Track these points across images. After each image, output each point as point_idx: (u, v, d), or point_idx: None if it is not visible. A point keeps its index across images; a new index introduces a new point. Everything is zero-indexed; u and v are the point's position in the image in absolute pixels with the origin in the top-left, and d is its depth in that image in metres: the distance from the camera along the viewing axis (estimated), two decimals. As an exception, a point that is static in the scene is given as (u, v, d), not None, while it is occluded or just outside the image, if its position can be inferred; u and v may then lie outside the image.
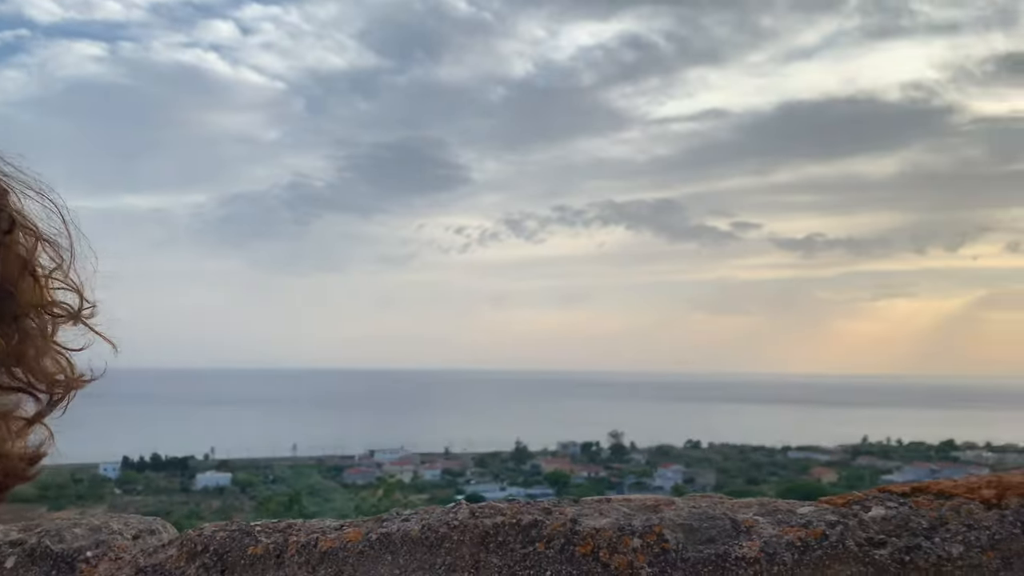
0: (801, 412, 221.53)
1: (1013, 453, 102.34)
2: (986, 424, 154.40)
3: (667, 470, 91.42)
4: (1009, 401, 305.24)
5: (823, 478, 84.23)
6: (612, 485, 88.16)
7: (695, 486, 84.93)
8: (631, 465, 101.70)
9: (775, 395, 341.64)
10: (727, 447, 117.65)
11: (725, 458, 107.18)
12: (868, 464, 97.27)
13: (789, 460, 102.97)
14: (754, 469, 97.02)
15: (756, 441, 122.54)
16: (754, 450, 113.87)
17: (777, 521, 1.51)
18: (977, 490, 1.49)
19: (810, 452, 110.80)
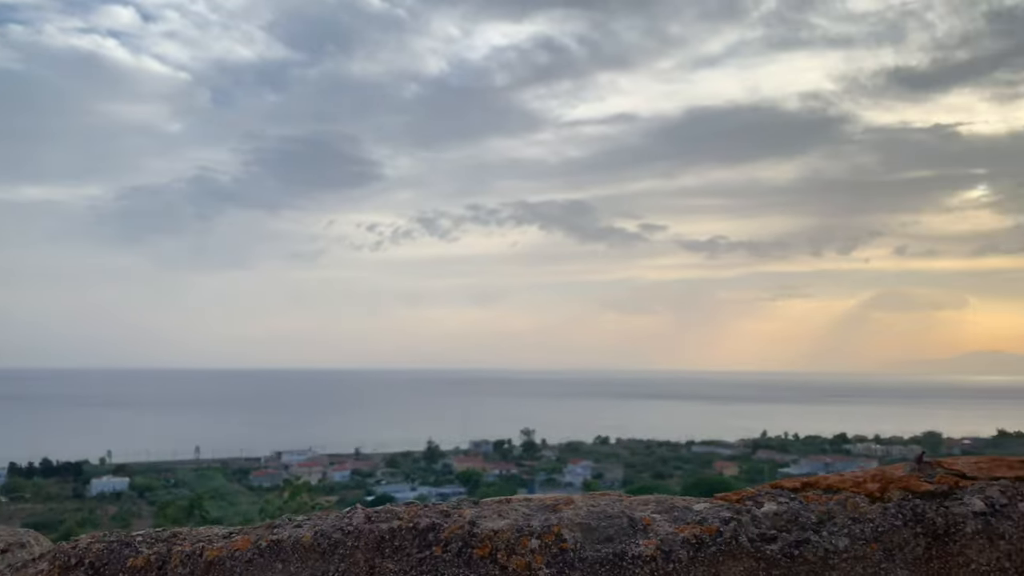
0: (705, 408, 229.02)
1: (898, 445, 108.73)
2: (875, 418, 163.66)
3: (577, 466, 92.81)
4: (894, 395, 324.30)
5: (725, 471, 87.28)
6: (524, 482, 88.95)
7: (604, 481, 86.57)
8: (542, 462, 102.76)
9: (681, 391, 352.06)
10: (635, 442, 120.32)
11: (633, 453, 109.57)
12: (767, 458, 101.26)
13: (693, 454, 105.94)
14: (660, 464, 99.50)
15: (662, 436, 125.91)
16: (660, 445, 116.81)
17: (674, 518, 1.54)
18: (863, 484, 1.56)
19: (713, 446, 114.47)
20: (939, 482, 1.54)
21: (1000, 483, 1.53)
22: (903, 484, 1.53)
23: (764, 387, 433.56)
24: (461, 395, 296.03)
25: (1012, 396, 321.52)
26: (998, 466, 1.58)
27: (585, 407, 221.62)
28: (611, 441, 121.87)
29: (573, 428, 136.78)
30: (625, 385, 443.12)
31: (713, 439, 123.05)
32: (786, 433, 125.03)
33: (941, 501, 1.50)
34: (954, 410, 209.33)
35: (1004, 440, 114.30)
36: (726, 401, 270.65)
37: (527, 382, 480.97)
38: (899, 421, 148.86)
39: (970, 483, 1.53)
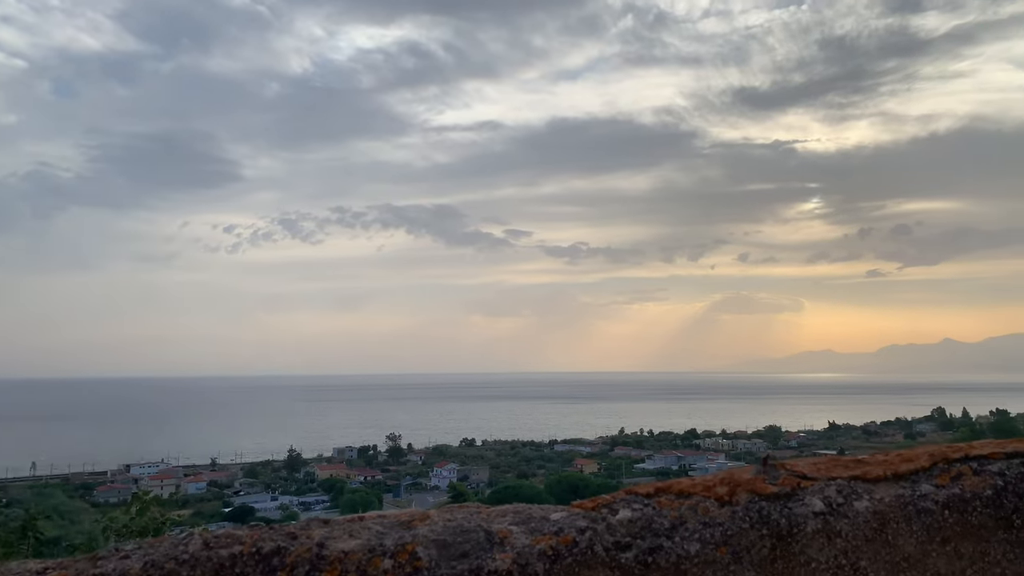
0: (567, 408, 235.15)
1: (743, 440, 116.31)
2: (722, 414, 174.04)
3: (443, 469, 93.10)
4: (739, 393, 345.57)
5: (585, 468, 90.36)
6: (389, 488, 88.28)
7: (470, 483, 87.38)
8: (408, 467, 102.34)
9: (544, 392, 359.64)
10: (500, 443, 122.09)
11: (498, 454, 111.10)
12: (624, 454, 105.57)
13: (556, 453, 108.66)
14: (524, 463, 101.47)
15: (526, 436, 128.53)
16: (524, 445, 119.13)
17: (531, 530, 1.51)
18: (712, 488, 1.59)
19: (574, 444, 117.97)
20: (783, 483, 1.59)
21: (837, 483, 1.59)
22: (750, 487, 1.58)
23: (622, 386, 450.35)
24: (325, 402, 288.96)
25: (841, 392, 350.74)
26: (835, 466, 1.66)
27: (452, 410, 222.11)
28: (477, 443, 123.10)
29: (439, 432, 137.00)
30: (491, 387, 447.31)
31: (574, 438, 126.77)
32: (642, 430, 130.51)
33: (785, 502, 1.55)
34: (791, 405, 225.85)
35: (834, 432, 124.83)
36: (587, 401, 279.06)
37: (393, 387, 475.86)
38: (744, 417, 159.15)
39: (811, 483, 1.60)
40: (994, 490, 1.57)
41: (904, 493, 1.57)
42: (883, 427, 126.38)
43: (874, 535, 1.51)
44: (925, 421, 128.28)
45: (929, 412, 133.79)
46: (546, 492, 64.29)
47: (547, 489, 66.73)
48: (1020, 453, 1.66)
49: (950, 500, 1.56)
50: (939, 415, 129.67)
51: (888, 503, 1.55)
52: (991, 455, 1.67)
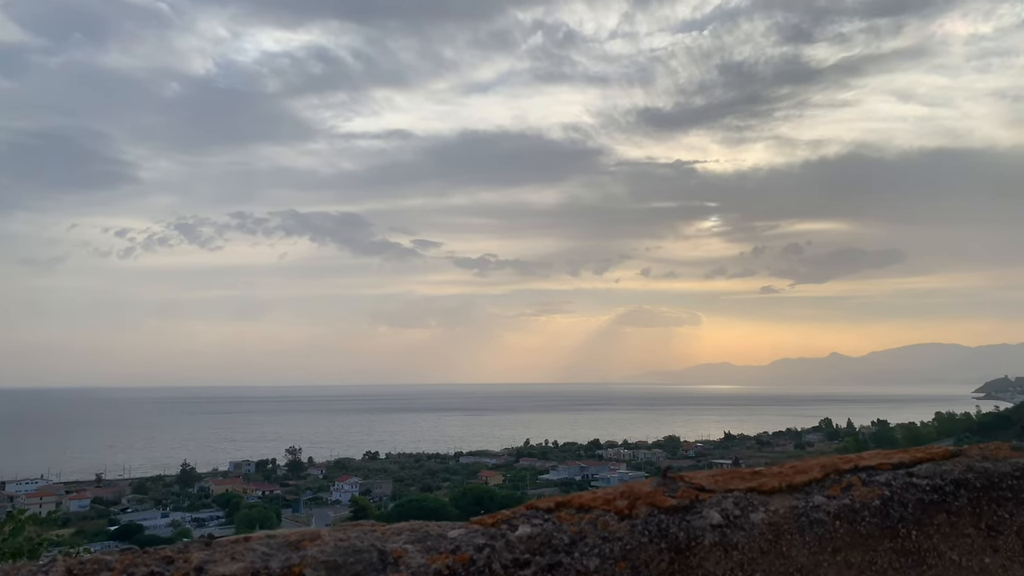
0: (473, 420, 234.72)
1: (644, 450, 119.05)
2: (624, 424, 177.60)
3: (345, 483, 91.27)
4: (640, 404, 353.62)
5: (490, 480, 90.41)
6: (288, 503, 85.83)
7: (372, 497, 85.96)
8: (308, 481, 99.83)
9: (451, 404, 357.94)
10: (404, 456, 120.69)
11: (402, 467, 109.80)
12: (529, 465, 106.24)
13: (461, 465, 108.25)
14: (429, 476, 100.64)
15: (432, 449, 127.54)
16: (429, 458, 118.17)
17: (427, 548, 1.45)
18: (613, 501, 1.56)
19: (480, 456, 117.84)
20: (682, 496, 1.58)
21: (734, 495, 1.59)
22: (650, 500, 1.56)
23: (528, 398, 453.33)
24: (221, 414, 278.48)
25: (737, 403, 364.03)
26: (733, 478, 1.66)
27: (355, 423, 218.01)
28: (380, 456, 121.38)
29: (342, 445, 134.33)
30: (397, 399, 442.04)
31: (480, 450, 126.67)
32: (547, 441, 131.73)
33: (683, 515, 1.54)
34: (690, 416, 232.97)
35: (730, 441, 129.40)
36: (493, 412, 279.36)
37: (294, 399, 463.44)
38: (644, 427, 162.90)
39: (709, 496, 1.59)
40: (882, 500, 1.60)
41: (798, 504, 1.58)
42: (775, 437, 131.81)
43: (769, 547, 1.52)
44: (814, 431, 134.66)
45: (817, 423, 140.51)
46: (451, 505, 63.90)
47: (452, 502, 66.33)
48: (905, 464, 1.69)
49: (841, 511, 1.58)
50: (826, 425, 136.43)
51: (783, 514, 1.56)
52: (879, 466, 1.69)
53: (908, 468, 1.68)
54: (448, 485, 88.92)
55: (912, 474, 1.66)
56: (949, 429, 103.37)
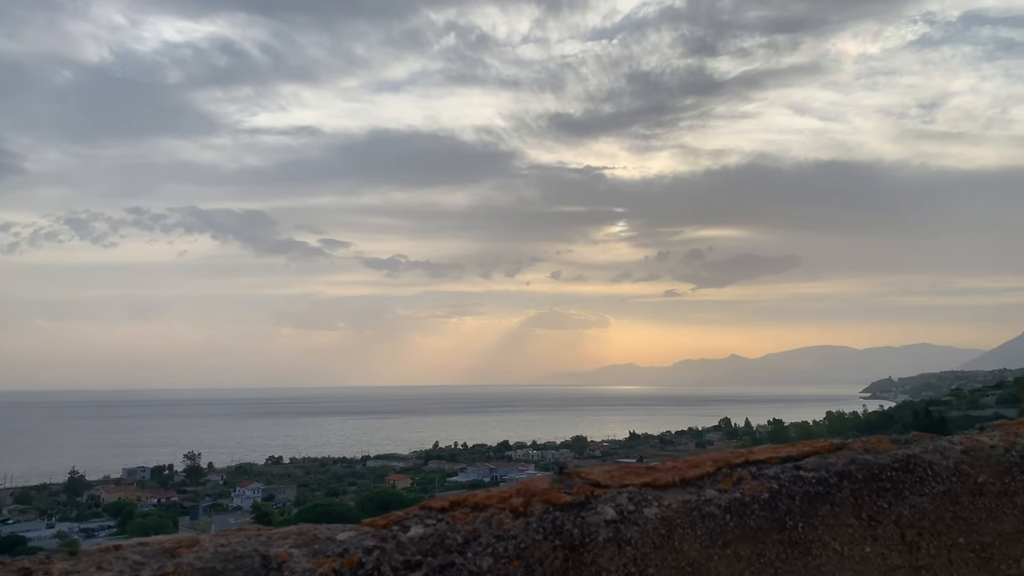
0: (381, 423, 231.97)
1: (552, 450, 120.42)
2: (533, 425, 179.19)
3: (246, 489, 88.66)
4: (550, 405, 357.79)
5: (398, 484, 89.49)
6: (186, 510, 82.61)
7: (275, 503, 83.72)
8: (208, 487, 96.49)
9: (358, 407, 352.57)
10: (309, 461, 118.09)
11: (307, 472, 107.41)
12: (438, 468, 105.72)
13: (368, 469, 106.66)
14: (335, 481, 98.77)
15: (338, 453, 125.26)
16: (335, 462, 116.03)
17: (314, 552, 1.38)
18: (508, 499, 1.55)
19: (388, 460, 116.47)
20: (577, 492, 1.57)
21: (629, 490, 1.59)
22: (545, 497, 1.55)
23: (438, 400, 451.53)
24: (115, 419, 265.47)
25: (642, 403, 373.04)
26: (628, 474, 1.66)
27: (258, 427, 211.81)
28: (284, 461, 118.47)
29: (244, 450, 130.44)
30: (302, 403, 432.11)
31: (388, 453, 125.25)
32: (456, 443, 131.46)
33: (578, 511, 1.53)
34: (597, 416, 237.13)
35: (635, 441, 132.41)
36: (402, 415, 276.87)
37: (193, 403, 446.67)
38: (553, 428, 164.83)
39: (604, 491, 1.59)
40: (770, 493, 1.62)
41: (691, 499, 1.60)
42: (677, 436, 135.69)
43: (662, 541, 1.53)
44: (714, 430, 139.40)
45: (717, 422, 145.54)
46: (357, 509, 62.89)
47: (358, 506, 65.30)
48: (793, 457, 1.72)
49: (731, 504, 1.60)
50: (725, 425, 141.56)
51: (676, 509, 1.57)
52: (768, 459, 1.71)
53: (796, 462, 1.71)
54: (355, 489, 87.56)
55: (800, 467, 1.69)
56: (839, 428, 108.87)
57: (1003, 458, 1.82)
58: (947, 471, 1.76)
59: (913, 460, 1.75)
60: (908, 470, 1.74)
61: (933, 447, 1.80)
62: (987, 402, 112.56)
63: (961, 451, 1.81)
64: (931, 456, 1.77)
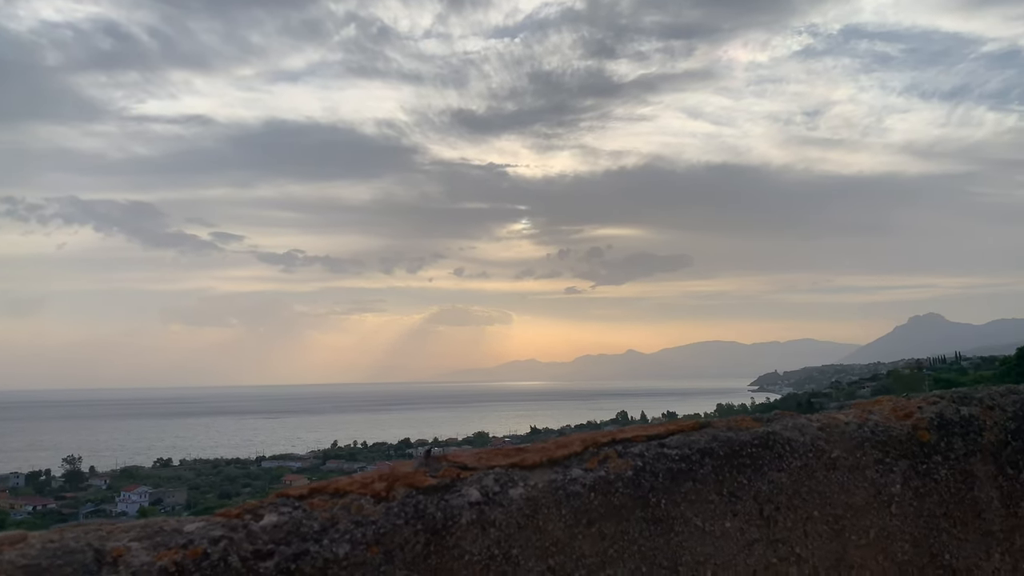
0: (277, 422, 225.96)
1: (454, 446, 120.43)
2: (435, 422, 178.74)
3: (132, 493, 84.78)
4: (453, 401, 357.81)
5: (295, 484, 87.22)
6: (64, 517, 78.17)
7: (164, 507, 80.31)
8: (90, 492, 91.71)
9: (253, 407, 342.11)
10: (201, 463, 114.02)
11: (198, 474, 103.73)
12: (336, 467, 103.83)
13: (263, 470, 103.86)
14: (228, 483, 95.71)
15: (231, 454, 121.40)
16: (228, 463, 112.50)
17: (156, 544, 1.30)
18: (370, 484, 1.50)
19: (284, 460, 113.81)
20: (443, 475, 1.55)
21: (495, 471, 1.57)
22: (408, 481, 1.52)
23: (337, 399, 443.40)
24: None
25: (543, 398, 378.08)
26: (496, 455, 1.64)
27: (145, 429, 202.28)
28: (174, 463, 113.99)
29: (129, 453, 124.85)
30: (193, 402, 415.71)
31: (284, 453, 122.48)
32: (355, 442, 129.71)
33: (442, 495, 1.50)
34: (499, 412, 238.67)
35: (535, 435, 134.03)
36: (299, 414, 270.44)
37: (75, 404, 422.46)
38: (455, 424, 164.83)
39: (470, 473, 1.56)
40: (634, 471, 1.62)
41: (557, 478, 1.58)
42: (577, 430, 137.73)
43: (526, 522, 1.51)
44: (611, 424, 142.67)
45: (615, 415, 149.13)
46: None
47: (252, 508, 63.58)
48: (659, 436, 1.73)
49: (596, 483, 1.59)
50: (622, 418, 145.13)
51: (541, 488, 1.55)
52: (634, 438, 1.71)
53: (661, 440, 1.72)
54: (249, 491, 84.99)
55: (664, 445, 1.70)
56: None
57: (856, 434, 1.86)
58: (804, 447, 1.78)
59: (773, 437, 1.77)
60: (768, 447, 1.75)
61: (792, 424, 1.83)
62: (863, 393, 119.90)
63: (818, 427, 1.84)
64: (790, 433, 1.79)
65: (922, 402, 2.01)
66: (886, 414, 1.95)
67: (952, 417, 1.96)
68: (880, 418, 1.93)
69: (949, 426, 1.95)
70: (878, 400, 2.04)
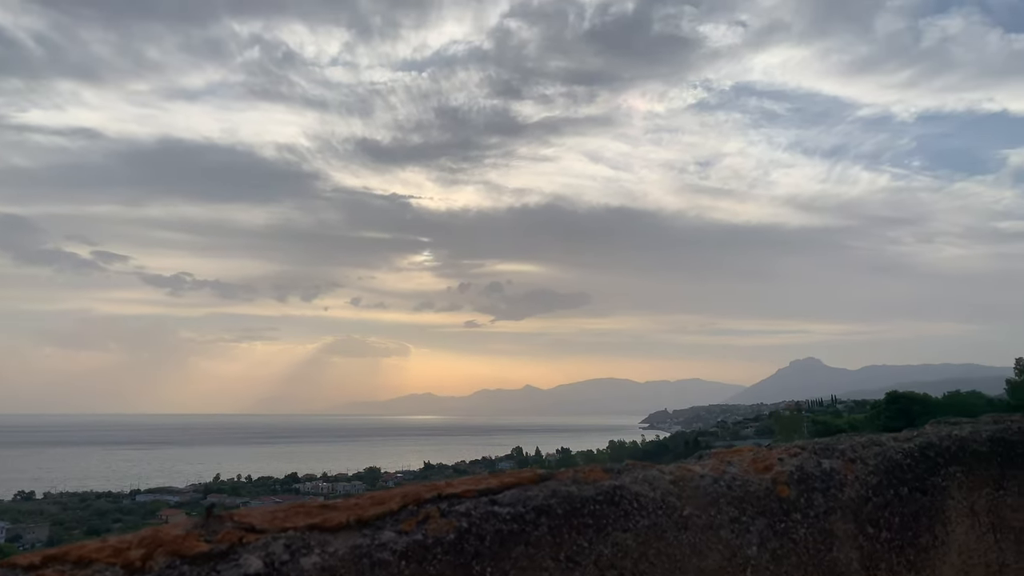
0: (156, 453, 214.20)
1: (343, 482, 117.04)
2: (325, 457, 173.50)
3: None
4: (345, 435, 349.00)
5: (172, 519, 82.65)
6: (-97, 557, 71.03)
7: (23, 544, 74.28)
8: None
9: (131, 437, 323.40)
10: (67, 496, 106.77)
11: (64, 508, 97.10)
12: (218, 502, 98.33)
13: (138, 504, 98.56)
14: (97, 517, 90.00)
15: (103, 487, 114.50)
16: (99, 497, 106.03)
17: None
18: (124, 552, 1.26)
19: (161, 494, 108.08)
20: (222, 539, 1.27)
21: (288, 535, 1.30)
22: (173, 548, 1.26)
23: (222, 430, 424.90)
24: None
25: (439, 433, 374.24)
26: (295, 514, 1.37)
27: (6, 458, 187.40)
28: (37, 496, 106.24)
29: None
30: (63, 431, 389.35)
31: (162, 486, 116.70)
32: (239, 476, 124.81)
33: (214, 564, 1.24)
34: (393, 447, 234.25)
35: (429, 471, 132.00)
36: (180, 445, 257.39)
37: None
38: (346, 459, 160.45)
39: (258, 537, 1.29)
40: (457, 533, 1.38)
41: (363, 543, 1.32)
42: (471, 466, 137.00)
43: None
44: (506, 459, 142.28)
45: (510, 451, 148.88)
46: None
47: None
48: (492, 490, 1.50)
49: (410, 548, 1.34)
50: (517, 454, 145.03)
51: (342, 556, 1.30)
52: (464, 493, 1.48)
53: (494, 495, 1.49)
54: (120, 527, 79.88)
55: (496, 502, 1.47)
56: (620, 455, 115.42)
57: (711, 489, 1.69)
58: (654, 503, 1.60)
59: (620, 492, 1.58)
60: (613, 503, 1.55)
61: (643, 477, 1.66)
62: (747, 433, 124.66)
63: (670, 481, 1.67)
64: (639, 487, 1.61)
65: (783, 453, 1.86)
66: (745, 466, 1.79)
67: (813, 471, 1.83)
68: (738, 471, 1.76)
69: (809, 480, 1.81)
70: (738, 450, 1.89)
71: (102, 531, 78.58)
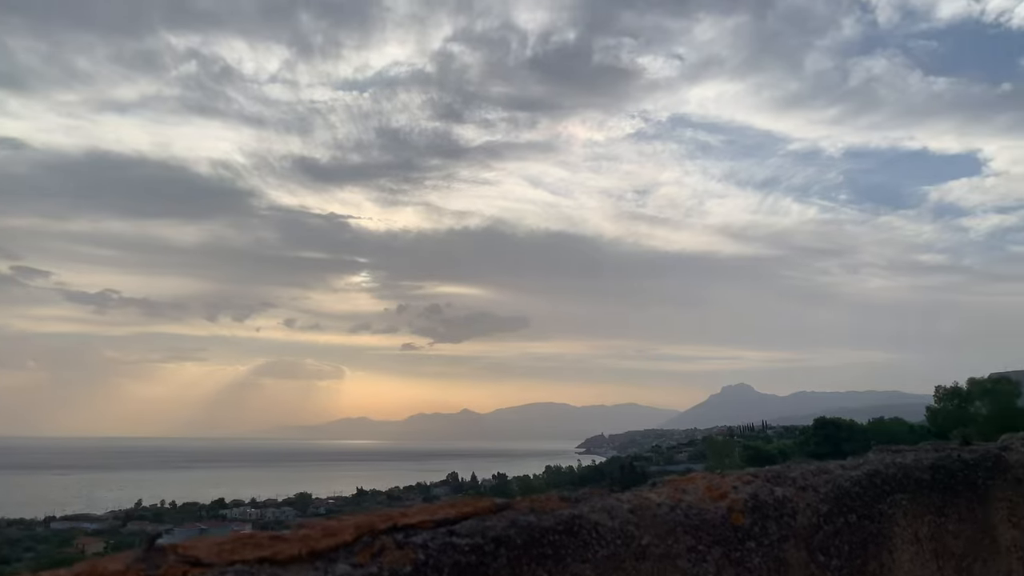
0: (72, 479, 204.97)
1: (272, 508, 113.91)
2: (254, 482, 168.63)
3: None
4: (276, 460, 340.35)
5: (89, 548, 79.18)
6: None
7: (-78, 577, 69.86)
8: None
9: (44, 461, 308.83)
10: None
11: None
12: (139, 529, 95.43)
13: (52, 532, 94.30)
14: (6, 546, 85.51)
15: (14, 514, 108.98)
16: (10, 524, 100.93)
17: None
18: None
19: (77, 521, 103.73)
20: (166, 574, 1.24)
21: (236, 568, 1.26)
22: None
23: (145, 453, 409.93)
24: None
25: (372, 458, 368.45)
26: (244, 546, 1.31)
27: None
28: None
29: None
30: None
31: (79, 513, 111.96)
32: (163, 502, 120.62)
33: None
34: (325, 472, 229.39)
35: (362, 497, 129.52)
36: (99, 470, 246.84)
37: None
38: (275, 485, 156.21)
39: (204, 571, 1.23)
40: (414, 566, 1.33)
41: None
42: (405, 492, 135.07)
43: None
44: (442, 485, 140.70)
45: (445, 477, 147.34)
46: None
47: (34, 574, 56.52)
48: (449, 520, 1.44)
49: None
50: (452, 479, 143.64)
51: None
52: (420, 524, 1.42)
53: (452, 525, 1.43)
54: (32, 556, 76.12)
55: (454, 532, 1.41)
56: (556, 481, 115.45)
57: (668, 517, 1.68)
58: (612, 533, 1.57)
59: (578, 521, 1.54)
60: (572, 533, 1.51)
61: (602, 506, 1.63)
62: (681, 458, 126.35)
63: (628, 510, 1.65)
64: (598, 516, 1.58)
65: (737, 481, 1.86)
66: (700, 494, 1.79)
67: (766, 499, 1.84)
68: (694, 498, 1.76)
69: (763, 508, 1.82)
70: (692, 477, 1.89)
71: (12, 561, 74.61)
